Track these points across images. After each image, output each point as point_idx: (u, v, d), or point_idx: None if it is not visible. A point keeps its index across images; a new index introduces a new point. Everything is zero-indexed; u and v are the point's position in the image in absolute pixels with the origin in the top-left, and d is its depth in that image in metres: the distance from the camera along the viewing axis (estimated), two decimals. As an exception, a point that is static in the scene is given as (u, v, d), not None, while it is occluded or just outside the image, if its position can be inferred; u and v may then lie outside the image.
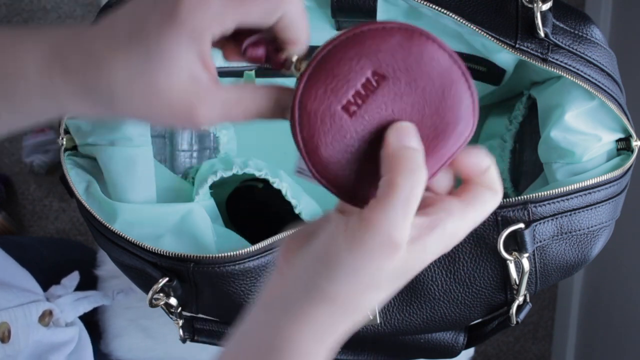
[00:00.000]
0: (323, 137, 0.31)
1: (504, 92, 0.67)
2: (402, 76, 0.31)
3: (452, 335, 0.57)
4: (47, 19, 1.41)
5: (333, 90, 0.31)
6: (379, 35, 0.30)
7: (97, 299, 0.65)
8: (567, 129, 0.53)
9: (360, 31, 0.31)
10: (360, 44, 0.31)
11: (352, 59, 0.31)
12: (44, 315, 0.59)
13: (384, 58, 0.31)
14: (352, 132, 0.31)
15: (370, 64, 0.31)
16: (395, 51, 0.30)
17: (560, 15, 0.52)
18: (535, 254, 0.52)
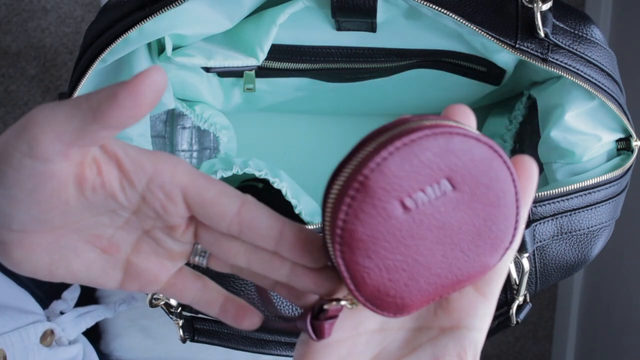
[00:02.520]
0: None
1: (504, 92, 0.67)
2: (467, 188, 0.28)
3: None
4: (47, 19, 1.41)
5: (395, 189, 0.27)
6: (463, 142, 0.27)
7: (99, 312, 0.63)
8: (567, 129, 0.53)
9: (435, 132, 0.27)
10: (442, 147, 0.27)
11: (431, 160, 0.27)
12: (45, 335, 0.58)
13: (457, 167, 0.27)
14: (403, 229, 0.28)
15: (446, 170, 0.27)
16: (469, 161, 0.28)
17: (560, 15, 0.52)
18: (535, 254, 0.52)
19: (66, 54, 1.43)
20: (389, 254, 0.28)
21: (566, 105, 0.53)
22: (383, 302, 0.29)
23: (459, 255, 0.29)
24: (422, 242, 0.28)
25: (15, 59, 1.41)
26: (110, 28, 0.49)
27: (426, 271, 0.29)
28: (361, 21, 0.53)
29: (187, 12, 0.49)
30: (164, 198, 0.29)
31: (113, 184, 0.29)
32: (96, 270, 0.31)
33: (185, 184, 0.29)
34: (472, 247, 0.29)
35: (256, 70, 0.61)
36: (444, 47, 0.58)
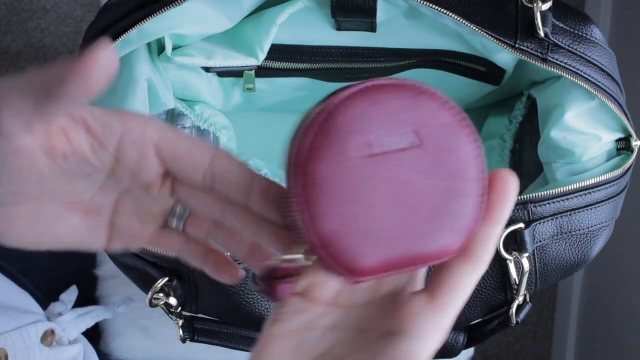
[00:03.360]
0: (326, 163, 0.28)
1: (504, 92, 0.67)
2: (433, 149, 0.28)
3: (452, 335, 0.57)
4: (47, 19, 1.41)
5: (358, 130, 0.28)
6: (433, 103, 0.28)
7: (99, 313, 0.64)
8: (567, 129, 0.53)
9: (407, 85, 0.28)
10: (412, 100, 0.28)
11: (397, 108, 0.28)
12: (46, 335, 0.58)
13: (425, 124, 0.28)
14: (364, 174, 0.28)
15: (414, 123, 0.28)
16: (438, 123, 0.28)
17: (560, 15, 0.52)
18: (535, 254, 0.52)
19: (66, 54, 1.43)
20: (347, 199, 0.28)
21: (566, 105, 0.53)
22: (336, 254, 0.28)
23: (418, 223, 0.28)
24: (381, 195, 0.28)
25: (15, 59, 1.41)
26: (110, 28, 0.49)
27: (383, 231, 0.28)
28: (361, 21, 0.53)
29: (187, 12, 0.49)
30: (136, 156, 0.29)
31: (84, 149, 0.28)
32: (81, 234, 0.32)
33: (157, 140, 0.29)
34: (432, 218, 0.28)
35: (256, 70, 0.61)
36: (444, 47, 0.58)
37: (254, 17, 0.55)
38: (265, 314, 0.53)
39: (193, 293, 0.53)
